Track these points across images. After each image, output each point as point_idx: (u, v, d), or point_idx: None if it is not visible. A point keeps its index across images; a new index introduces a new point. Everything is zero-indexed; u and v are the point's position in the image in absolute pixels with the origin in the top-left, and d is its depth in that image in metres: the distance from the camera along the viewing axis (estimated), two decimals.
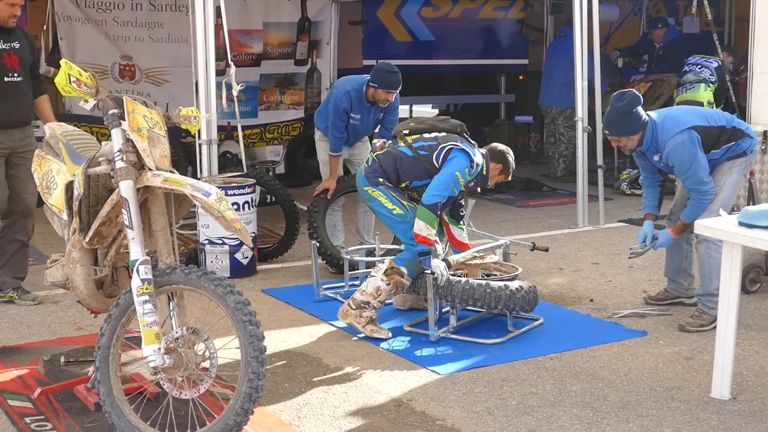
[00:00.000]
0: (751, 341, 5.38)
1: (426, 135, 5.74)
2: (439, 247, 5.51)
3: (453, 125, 5.80)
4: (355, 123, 7.01)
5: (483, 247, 6.04)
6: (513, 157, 5.88)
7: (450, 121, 5.88)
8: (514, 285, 5.41)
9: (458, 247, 5.93)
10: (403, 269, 5.53)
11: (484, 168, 5.73)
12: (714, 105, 9.60)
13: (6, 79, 5.97)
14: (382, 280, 5.52)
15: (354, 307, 5.50)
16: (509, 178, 5.96)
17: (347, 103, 6.91)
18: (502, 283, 5.41)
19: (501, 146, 5.91)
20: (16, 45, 6.06)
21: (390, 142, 5.93)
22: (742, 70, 10.72)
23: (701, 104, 9.30)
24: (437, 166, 5.57)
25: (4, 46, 6.00)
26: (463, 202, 5.98)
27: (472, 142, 5.78)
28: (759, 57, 7.22)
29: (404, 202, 5.62)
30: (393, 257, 5.69)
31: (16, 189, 6.07)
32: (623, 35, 13.89)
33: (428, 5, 12.48)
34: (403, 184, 5.73)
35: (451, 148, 5.58)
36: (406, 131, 5.80)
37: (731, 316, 4.48)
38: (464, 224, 6.02)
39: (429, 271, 5.41)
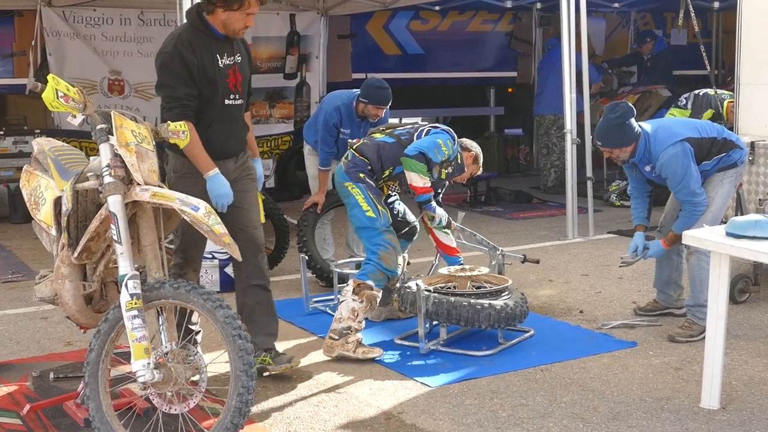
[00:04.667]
0: (740, 351, 5.39)
1: (401, 127, 6.02)
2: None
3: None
4: (345, 137, 7.03)
5: (479, 247, 6.22)
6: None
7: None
8: (483, 301, 5.42)
9: (447, 251, 6.00)
10: (370, 282, 5.50)
11: (459, 157, 5.93)
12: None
13: (227, 102, 4.85)
14: (353, 300, 5.44)
15: (337, 337, 5.35)
16: (481, 170, 6.21)
17: (337, 119, 6.93)
18: (470, 299, 5.44)
19: (466, 139, 6.15)
20: (239, 59, 4.92)
21: (365, 138, 6.04)
22: (729, 82, 10.78)
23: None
24: None
25: (228, 61, 4.84)
26: (441, 199, 6.17)
27: None
28: (745, 68, 7.26)
29: (379, 207, 5.64)
30: (355, 276, 5.64)
31: (239, 223, 4.89)
32: (611, 48, 13.97)
33: (417, 18, 12.54)
34: (387, 172, 5.81)
35: (430, 129, 5.82)
36: (383, 128, 6.08)
37: (720, 326, 4.49)
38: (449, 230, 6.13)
39: (434, 218, 5.79)
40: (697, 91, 8.63)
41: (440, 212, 5.81)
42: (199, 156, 4.69)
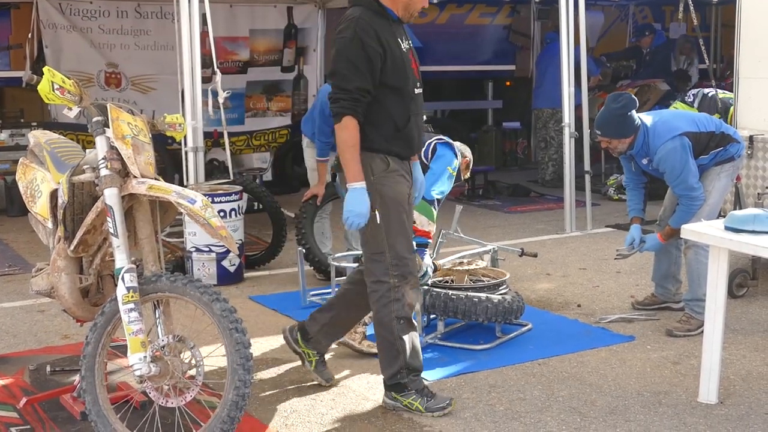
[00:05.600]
0: (738, 345, 5.39)
1: None
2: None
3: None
4: None
5: (470, 252, 6.05)
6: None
7: None
8: (481, 294, 5.40)
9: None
10: None
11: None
12: None
13: (416, 91, 4.34)
14: None
15: None
16: (468, 174, 6.10)
17: None
18: (464, 292, 5.42)
19: (460, 144, 6.01)
20: (410, 44, 4.45)
21: None
22: (728, 75, 10.76)
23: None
24: (427, 162, 5.60)
25: (407, 45, 4.34)
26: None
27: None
28: (744, 62, 7.24)
29: None
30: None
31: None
32: (610, 41, 13.96)
33: None
34: None
35: (436, 143, 5.63)
36: None
37: (718, 320, 4.48)
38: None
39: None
40: (706, 91, 8.59)
41: (427, 261, 5.31)
42: (351, 161, 4.16)
